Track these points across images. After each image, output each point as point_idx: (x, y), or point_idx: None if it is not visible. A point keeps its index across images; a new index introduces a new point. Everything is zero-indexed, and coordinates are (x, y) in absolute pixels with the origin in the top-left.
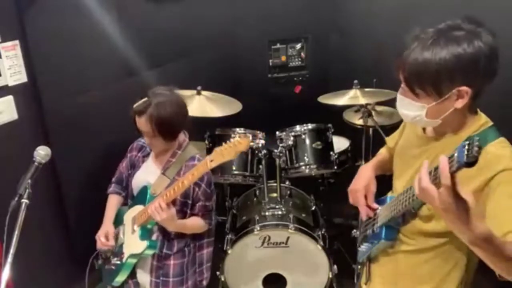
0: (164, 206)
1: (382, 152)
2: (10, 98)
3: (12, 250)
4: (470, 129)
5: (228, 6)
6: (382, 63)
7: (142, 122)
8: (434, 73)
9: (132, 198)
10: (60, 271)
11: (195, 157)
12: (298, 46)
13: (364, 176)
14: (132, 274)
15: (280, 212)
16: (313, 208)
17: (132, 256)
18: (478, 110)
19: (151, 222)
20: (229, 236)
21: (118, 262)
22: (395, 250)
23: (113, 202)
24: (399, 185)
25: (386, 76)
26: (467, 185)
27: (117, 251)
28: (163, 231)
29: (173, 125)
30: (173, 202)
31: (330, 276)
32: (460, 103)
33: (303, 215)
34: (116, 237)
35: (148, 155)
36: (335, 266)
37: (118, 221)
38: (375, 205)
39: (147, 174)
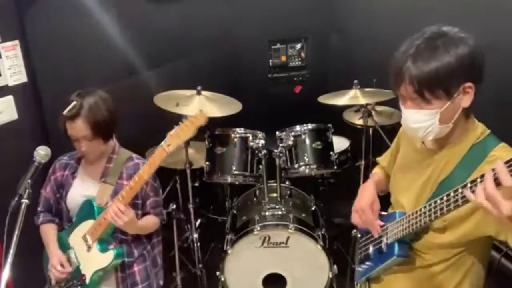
0: (123, 208)
1: (377, 172)
2: (10, 98)
3: (12, 250)
4: (471, 138)
5: (228, 6)
6: (382, 63)
7: (78, 126)
8: (445, 77)
9: (70, 221)
10: None
11: (132, 157)
12: (298, 46)
13: (368, 194)
14: None
15: (280, 212)
16: (313, 208)
17: (98, 272)
18: (476, 120)
19: (106, 233)
20: (229, 236)
21: (79, 286)
22: (406, 268)
23: (50, 231)
24: (405, 200)
25: (386, 76)
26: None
27: (74, 276)
28: (120, 239)
29: (110, 122)
30: None
31: (330, 276)
32: (466, 100)
33: (303, 215)
34: (68, 262)
35: (76, 170)
36: (335, 266)
37: (62, 247)
38: (380, 223)
39: (84, 188)
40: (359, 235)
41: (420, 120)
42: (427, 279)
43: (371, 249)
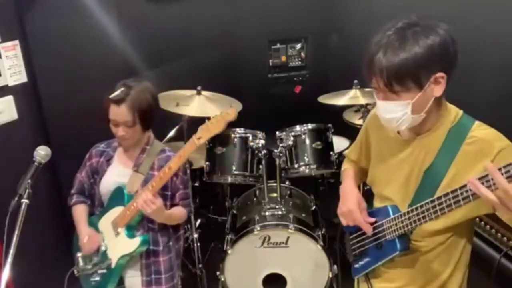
0: (151, 197)
1: (349, 168)
2: (10, 98)
3: (12, 250)
4: (447, 122)
5: (228, 6)
6: None
7: (122, 111)
8: (414, 68)
9: (101, 206)
10: (60, 271)
11: (165, 149)
12: (298, 46)
13: (353, 195)
14: (119, 281)
15: (280, 212)
16: (313, 208)
17: (124, 257)
18: (447, 103)
19: (135, 220)
20: (229, 236)
21: (105, 271)
22: (404, 258)
23: (81, 211)
24: (390, 193)
25: None
26: (466, 175)
27: (101, 260)
28: (147, 227)
29: (152, 112)
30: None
31: (330, 276)
32: (439, 90)
33: (303, 215)
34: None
35: (111, 158)
36: (335, 266)
37: None
38: (371, 219)
39: (116, 176)
40: (348, 233)
41: (392, 110)
42: (426, 265)
43: (367, 246)
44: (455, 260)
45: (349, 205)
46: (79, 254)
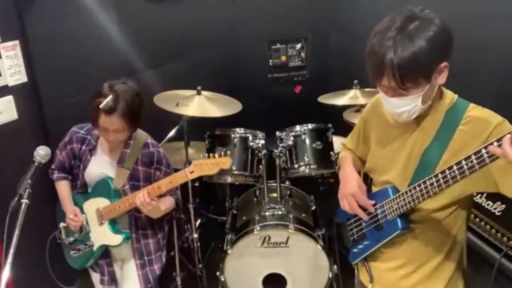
0: (148, 200)
1: (346, 154)
2: (10, 98)
3: (12, 250)
4: (444, 105)
5: (228, 6)
6: None
7: (113, 120)
8: (423, 62)
9: (84, 188)
10: (59, 271)
11: (148, 143)
12: (298, 46)
13: (354, 177)
14: (104, 255)
15: (280, 212)
16: (313, 208)
17: (104, 246)
18: (443, 88)
19: (119, 216)
20: (229, 236)
21: (86, 249)
22: (403, 237)
23: (65, 188)
24: (391, 176)
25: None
26: (464, 152)
27: (83, 240)
28: (133, 215)
29: (141, 113)
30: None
31: (330, 276)
32: (442, 78)
33: (303, 215)
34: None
35: (94, 148)
36: (335, 266)
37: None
38: (372, 202)
39: (101, 166)
40: (345, 219)
41: (404, 105)
42: (425, 243)
43: (366, 229)
44: (452, 238)
45: (351, 188)
46: (62, 225)
